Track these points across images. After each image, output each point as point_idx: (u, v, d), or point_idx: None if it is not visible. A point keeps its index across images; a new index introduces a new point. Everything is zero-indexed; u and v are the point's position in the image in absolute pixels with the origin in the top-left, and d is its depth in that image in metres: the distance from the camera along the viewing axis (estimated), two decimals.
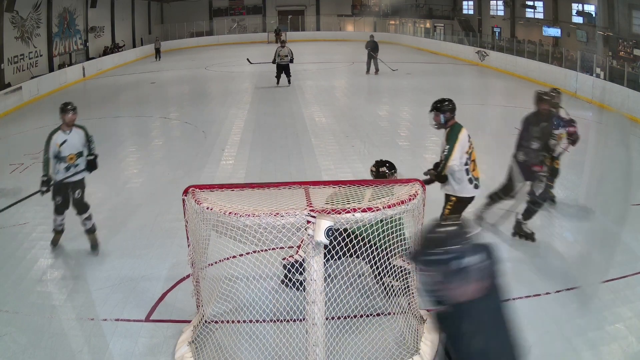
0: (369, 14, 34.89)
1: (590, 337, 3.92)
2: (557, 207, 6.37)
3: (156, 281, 4.83)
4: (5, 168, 8.54)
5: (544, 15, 24.40)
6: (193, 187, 3.71)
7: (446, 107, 4.82)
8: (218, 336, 3.88)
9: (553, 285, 4.62)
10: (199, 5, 33.73)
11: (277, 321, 4.07)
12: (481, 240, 1.89)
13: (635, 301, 4.37)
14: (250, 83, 17.54)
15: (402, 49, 28.09)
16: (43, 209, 6.72)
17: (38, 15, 19.33)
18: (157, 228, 6.03)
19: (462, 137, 4.75)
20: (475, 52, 21.03)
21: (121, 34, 27.69)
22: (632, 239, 5.48)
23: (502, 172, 7.85)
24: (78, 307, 4.43)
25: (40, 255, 5.42)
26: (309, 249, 3.15)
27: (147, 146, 9.87)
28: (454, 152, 4.70)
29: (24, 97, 15.03)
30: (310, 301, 3.22)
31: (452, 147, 4.72)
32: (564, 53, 17.06)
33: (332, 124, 10.98)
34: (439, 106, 4.84)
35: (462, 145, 4.74)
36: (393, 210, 3.33)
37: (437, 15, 31.98)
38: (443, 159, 4.77)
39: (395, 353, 3.71)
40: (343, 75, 19.16)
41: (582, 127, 11.23)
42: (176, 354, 3.74)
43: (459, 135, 4.74)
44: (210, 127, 10.87)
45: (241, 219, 3.21)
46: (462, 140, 4.74)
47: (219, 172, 8.05)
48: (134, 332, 4.08)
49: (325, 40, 32.76)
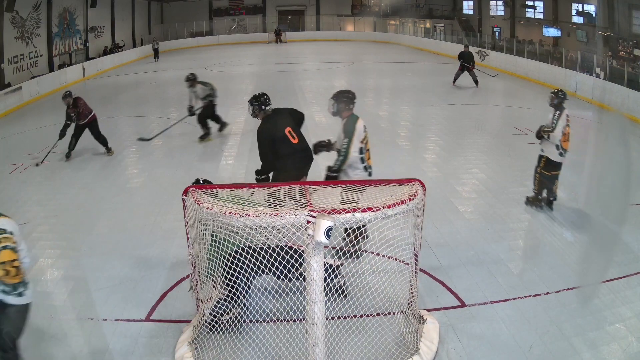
0: (369, 14, 34.91)
1: (590, 337, 3.93)
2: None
3: (156, 281, 4.83)
4: (5, 168, 8.54)
5: (544, 15, 24.41)
6: (193, 187, 3.71)
7: (343, 98, 5.09)
8: (218, 336, 3.88)
9: (553, 285, 4.62)
10: (199, 5, 33.75)
11: (277, 321, 4.08)
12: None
13: (635, 301, 4.38)
14: (250, 83, 17.54)
15: (402, 49, 28.11)
16: (43, 209, 6.74)
17: (38, 15, 19.33)
18: (157, 228, 6.03)
19: (359, 127, 4.99)
20: (476, 52, 21.01)
21: (121, 34, 27.69)
22: (632, 239, 5.48)
23: (501, 171, 7.88)
24: (78, 307, 4.44)
25: (40, 255, 5.42)
26: (309, 249, 3.15)
27: (147, 146, 9.86)
28: (352, 145, 4.95)
29: (24, 97, 15.03)
30: (310, 301, 3.22)
31: (350, 139, 4.94)
32: (564, 53, 17.06)
33: (332, 124, 10.94)
34: (339, 96, 5.11)
35: (359, 135, 4.98)
36: (393, 210, 3.33)
37: (437, 15, 32.00)
38: (342, 150, 4.98)
39: (395, 353, 3.71)
40: (343, 75, 19.15)
41: (582, 127, 11.26)
42: (176, 354, 3.74)
43: (356, 126, 4.99)
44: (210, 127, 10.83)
45: (241, 219, 3.21)
46: (358, 130, 4.97)
47: (219, 172, 8.05)
48: (134, 332, 4.08)
49: (325, 40, 32.78)
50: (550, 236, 5.65)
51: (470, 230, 5.84)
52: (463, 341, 3.91)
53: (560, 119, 6.08)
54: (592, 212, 6.29)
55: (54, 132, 7.69)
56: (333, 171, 5.05)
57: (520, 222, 6.04)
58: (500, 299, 4.45)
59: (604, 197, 6.62)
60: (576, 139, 9.81)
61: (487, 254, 5.24)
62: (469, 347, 3.84)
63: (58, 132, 8.81)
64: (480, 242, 5.54)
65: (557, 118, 6.11)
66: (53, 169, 8.46)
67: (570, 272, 4.87)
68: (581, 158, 8.34)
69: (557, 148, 6.10)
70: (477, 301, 4.41)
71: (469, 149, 9.13)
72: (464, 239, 5.60)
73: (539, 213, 6.25)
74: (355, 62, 22.77)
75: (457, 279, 4.77)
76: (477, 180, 7.51)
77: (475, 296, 4.48)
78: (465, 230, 5.83)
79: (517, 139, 9.63)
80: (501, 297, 4.47)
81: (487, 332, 4.01)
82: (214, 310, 3.94)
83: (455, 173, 7.82)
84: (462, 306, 4.37)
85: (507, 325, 4.08)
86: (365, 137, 5.08)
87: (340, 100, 5.09)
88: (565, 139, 6.15)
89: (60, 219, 6.43)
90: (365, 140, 5.08)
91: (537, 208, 6.34)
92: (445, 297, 4.51)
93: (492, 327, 4.07)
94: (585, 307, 4.30)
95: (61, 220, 6.39)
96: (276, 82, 17.02)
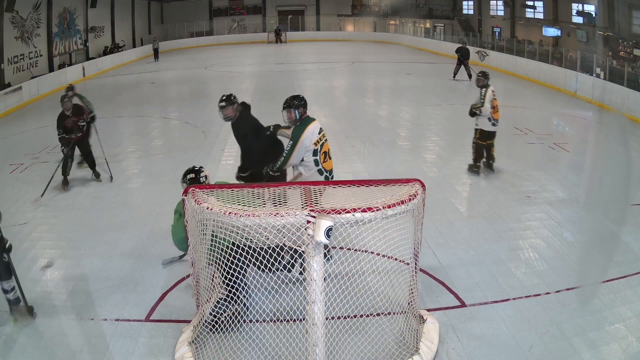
0: (369, 14, 34.92)
1: (590, 337, 3.93)
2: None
3: (156, 281, 4.83)
4: (5, 168, 8.54)
5: (544, 15, 24.40)
6: (193, 187, 3.71)
7: (298, 103, 5.00)
8: (218, 336, 3.88)
9: (553, 285, 4.63)
10: (199, 5, 33.75)
11: (277, 321, 4.08)
12: None
13: (635, 301, 4.38)
14: (250, 83, 17.54)
15: (402, 49, 28.11)
16: (43, 209, 6.74)
17: (38, 15, 19.33)
18: (157, 228, 6.02)
19: (308, 132, 4.88)
20: (475, 52, 21.01)
21: (121, 34, 27.69)
22: (632, 239, 5.48)
23: (502, 171, 7.88)
24: (78, 307, 4.44)
25: (40, 255, 5.42)
26: (309, 249, 3.15)
27: (147, 146, 9.87)
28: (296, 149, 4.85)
29: (24, 97, 15.03)
30: (310, 301, 3.22)
31: (295, 142, 4.86)
32: (564, 53, 17.05)
33: (332, 124, 10.97)
34: (292, 103, 5.01)
35: (307, 138, 4.87)
36: (393, 210, 3.32)
37: (437, 15, 31.99)
38: (285, 152, 4.93)
39: (395, 353, 3.71)
40: (343, 75, 19.15)
41: (582, 127, 11.26)
42: (176, 354, 3.74)
43: (305, 132, 4.88)
44: (210, 127, 10.86)
45: (241, 219, 3.21)
46: (307, 135, 4.86)
47: (219, 172, 8.05)
48: (134, 332, 4.08)
49: (325, 40, 32.78)
50: (550, 236, 5.65)
51: (470, 230, 5.84)
52: (463, 341, 3.91)
53: (487, 95, 7.28)
54: (592, 212, 6.30)
55: (54, 132, 7.55)
56: (273, 171, 5.05)
57: (520, 222, 6.04)
58: (500, 299, 4.45)
59: (604, 197, 6.63)
60: (576, 139, 9.89)
61: (487, 254, 5.24)
62: (469, 347, 3.84)
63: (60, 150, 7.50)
64: (480, 242, 5.54)
65: (484, 95, 7.27)
66: (53, 169, 8.45)
67: (570, 272, 4.88)
68: (582, 158, 8.36)
69: (489, 120, 7.35)
70: (477, 301, 4.41)
71: (469, 149, 9.12)
72: (464, 239, 5.60)
73: (538, 213, 6.26)
74: (355, 62, 22.76)
75: (457, 279, 4.77)
76: (477, 180, 7.51)
77: (475, 296, 4.48)
78: (465, 230, 5.83)
79: (517, 139, 9.63)
80: (501, 297, 4.47)
81: (487, 332, 4.01)
82: (214, 310, 3.94)
83: (455, 173, 7.82)
84: (462, 306, 4.37)
85: (507, 325, 4.08)
86: (320, 140, 4.97)
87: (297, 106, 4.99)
88: (494, 111, 7.34)
89: (60, 219, 6.43)
90: (321, 143, 4.98)
91: (474, 173, 7.63)
92: (445, 297, 4.51)
93: (492, 327, 4.07)
94: (585, 307, 4.30)
95: (61, 220, 6.39)
96: (276, 82, 17.03)
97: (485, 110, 7.24)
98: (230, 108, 5.31)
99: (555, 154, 8.74)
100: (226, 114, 5.35)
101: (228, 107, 5.31)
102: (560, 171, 7.85)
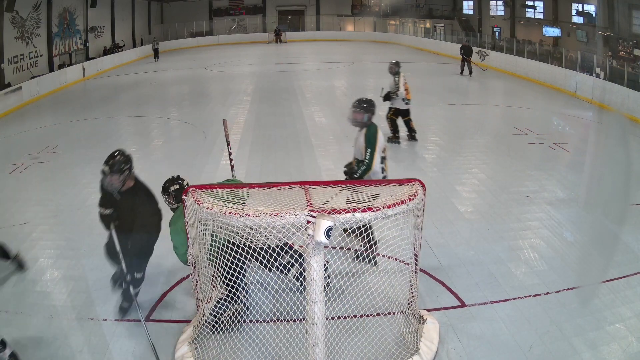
0: (369, 14, 34.92)
1: (590, 337, 3.93)
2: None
3: (156, 281, 4.83)
4: (5, 168, 8.54)
5: (544, 15, 24.41)
6: (193, 187, 3.71)
7: (370, 107, 4.94)
8: (218, 336, 3.88)
9: (553, 285, 4.62)
10: (199, 5, 33.76)
11: (277, 321, 4.08)
12: None
13: (635, 301, 4.37)
14: (250, 83, 17.54)
15: (402, 49, 28.10)
16: (43, 209, 6.74)
17: (38, 15, 19.33)
18: None
19: (380, 138, 4.88)
20: (476, 52, 21.01)
21: (121, 34, 27.69)
22: (632, 239, 5.48)
23: (501, 171, 7.88)
24: (78, 307, 4.43)
25: (40, 255, 5.42)
26: (309, 249, 3.15)
27: (147, 146, 9.86)
28: (376, 155, 4.81)
29: (24, 97, 15.03)
30: (310, 301, 3.22)
31: (373, 150, 4.80)
32: (564, 53, 17.05)
33: (332, 124, 10.97)
34: (365, 107, 4.95)
35: (380, 146, 4.87)
36: (393, 210, 3.32)
37: (437, 15, 32.00)
38: (365, 160, 4.83)
39: (395, 353, 3.71)
40: (343, 75, 19.15)
41: (582, 127, 11.25)
42: (176, 354, 3.73)
43: (377, 136, 4.85)
44: (210, 127, 10.86)
45: (241, 219, 3.20)
46: (380, 140, 4.86)
47: (219, 172, 8.04)
48: (134, 332, 4.08)
49: (325, 40, 32.79)
50: (550, 236, 5.65)
51: (470, 230, 5.83)
52: (463, 341, 3.90)
53: (400, 80, 8.90)
54: (592, 212, 6.29)
55: (54, 132, 7.52)
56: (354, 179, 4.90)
57: (520, 222, 6.04)
58: (500, 299, 4.45)
59: (604, 197, 6.62)
60: (576, 139, 9.89)
61: (487, 254, 5.24)
62: (469, 347, 3.84)
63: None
64: (480, 242, 5.54)
65: (398, 80, 8.89)
66: (53, 169, 8.46)
67: (570, 272, 4.87)
68: (581, 158, 8.36)
69: (402, 100, 8.95)
70: (477, 301, 4.41)
71: (469, 149, 9.13)
72: (464, 239, 5.60)
73: (538, 213, 6.26)
74: (355, 62, 22.76)
75: (457, 279, 4.77)
76: (477, 180, 7.51)
77: (475, 296, 4.48)
78: (465, 230, 5.83)
79: (517, 139, 9.63)
80: (501, 297, 4.47)
81: (487, 332, 4.01)
82: (214, 310, 3.94)
83: (455, 173, 7.82)
84: (462, 306, 4.37)
85: (507, 325, 4.08)
86: (385, 147, 5.02)
87: (369, 110, 4.95)
88: (407, 93, 8.87)
89: (60, 219, 6.43)
90: (385, 149, 5.02)
91: (395, 143, 9.16)
92: (445, 297, 4.50)
93: (492, 327, 4.07)
94: (585, 307, 4.30)
95: (61, 220, 6.39)
96: (276, 82, 17.04)
97: (401, 93, 8.85)
98: (116, 177, 4.12)
99: (555, 154, 8.74)
100: (111, 181, 4.13)
101: (114, 175, 4.12)
102: (560, 171, 7.85)
